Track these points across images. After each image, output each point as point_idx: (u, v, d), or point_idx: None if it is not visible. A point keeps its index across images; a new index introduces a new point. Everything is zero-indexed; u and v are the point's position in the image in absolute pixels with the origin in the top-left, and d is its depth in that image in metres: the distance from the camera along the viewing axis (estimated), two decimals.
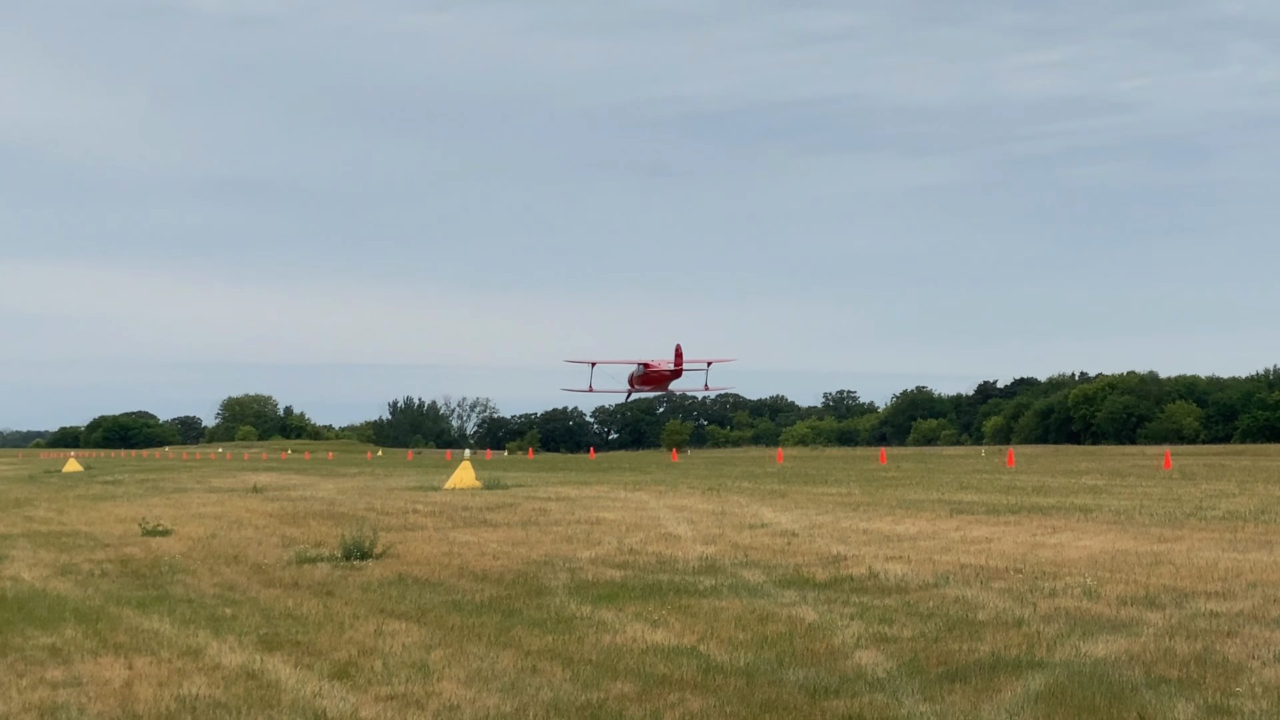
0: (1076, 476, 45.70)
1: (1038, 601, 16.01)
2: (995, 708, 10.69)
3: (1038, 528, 24.65)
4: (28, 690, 12.11)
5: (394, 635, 14.70)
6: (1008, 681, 11.61)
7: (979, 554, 20.85)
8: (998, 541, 22.50)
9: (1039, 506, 29.65)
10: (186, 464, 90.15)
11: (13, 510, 33.18)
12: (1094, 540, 22.52)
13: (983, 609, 15.56)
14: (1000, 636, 13.79)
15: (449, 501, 32.10)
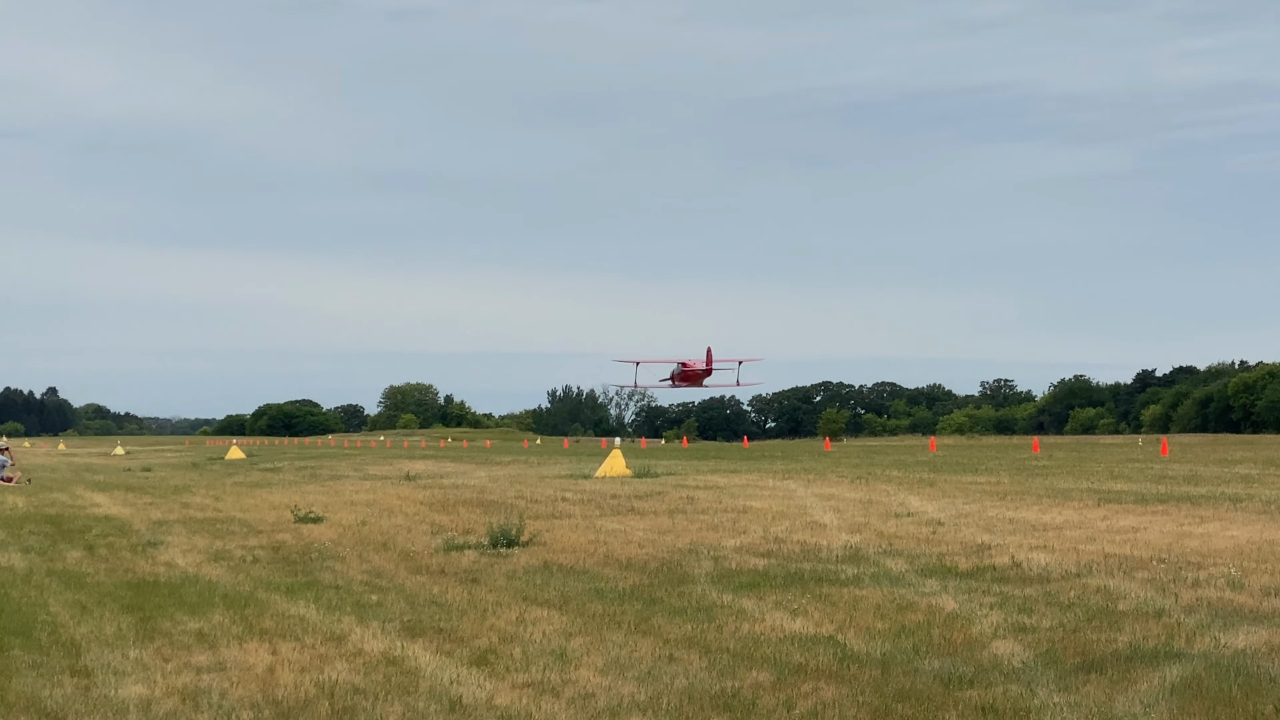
0: (1230, 466, 44.89)
1: (1180, 592, 15.77)
2: (1130, 699, 10.55)
3: (1185, 517, 24.25)
4: (173, 675, 12.30)
5: (535, 623, 14.76)
6: (1144, 673, 11.45)
7: (1124, 543, 20.58)
8: (1144, 531, 22.18)
9: (1189, 496, 29.16)
10: (346, 452, 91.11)
11: (171, 497, 33.70)
12: (1242, 530, 22.13)
13: (1124, 599, 15.35)
14: (1140, 627, 13.60)
15: (598, 489, 32.17)
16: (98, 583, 18.48)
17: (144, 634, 14.36)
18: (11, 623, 15.03)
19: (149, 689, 11.66)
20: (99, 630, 14.53)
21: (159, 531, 24.79)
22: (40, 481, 46.02)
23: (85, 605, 16.35)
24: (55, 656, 13.07)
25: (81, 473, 59.08)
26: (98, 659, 12.93)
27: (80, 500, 32.87)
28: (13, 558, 21.20)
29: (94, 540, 23.53)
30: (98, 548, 22.47)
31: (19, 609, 16.09)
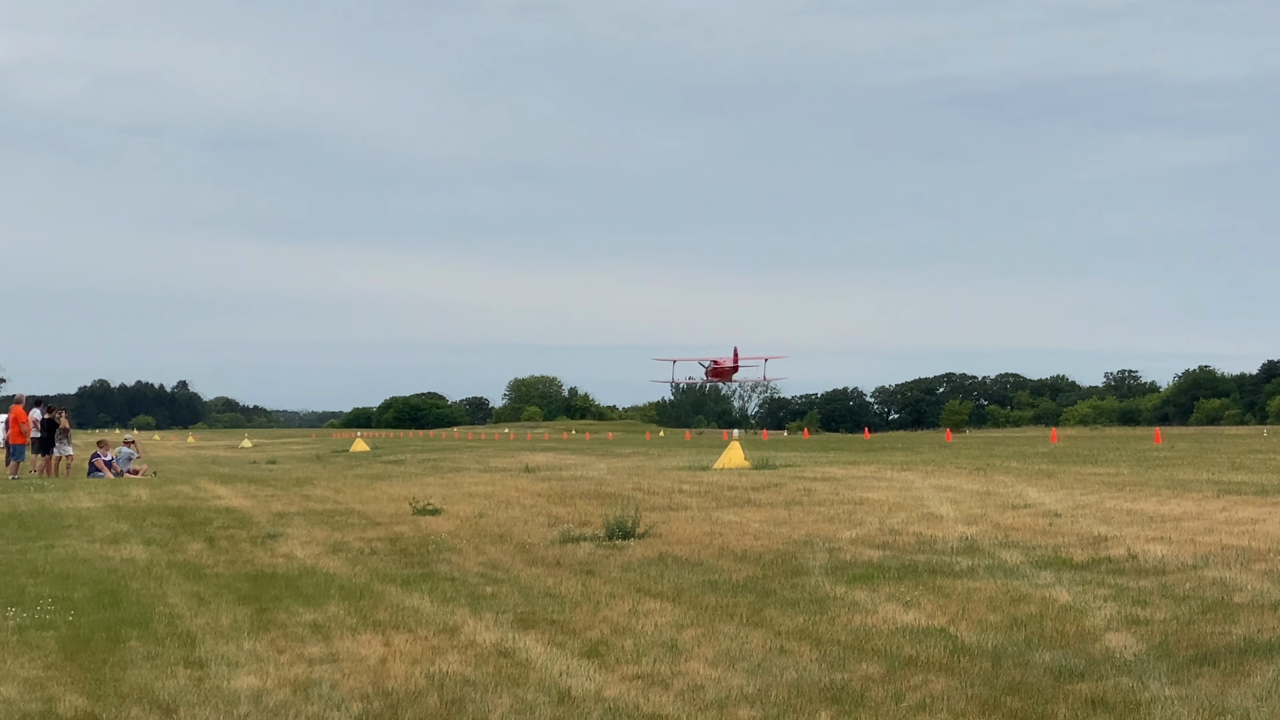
0: None
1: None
2: (1243, 692, 10.41)
3: None
4: (285, 666, 12.40)
5: (648, 615, 14.76)
6: (1259, 665, 11.29)
7: (1243, 535, 20.28)
8: (1264, 523, 21.84)
9: None
10: (470, 444, 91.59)
11: (293, 489, 33.99)
12: None
13: (1240, 591, 15.14)
14: (1256, 620, 13.41)
15: (716, 481, 32.15)
16: (216, 574, 18.66)
17: (259, 625, 14.48)
18: (130, 614, 15.20)
19: (261, 680, 11.77)
20: (215, 622, 14.67)
21: (279, 524, 24.99)
22: (166, 474, 46.61)
23: (203, 597, 16.52)
24: (171, 648, 13.20)
25: (207, 465, 59.81)
26: (212, 650, 13.05)
27: (203, 492, 33.23)
28: (135, 550, 21.44)
29: (215, 532, 23.76)
30: (218, 540, 22.69)
31: (138, 600, 16.27)
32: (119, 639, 13.64)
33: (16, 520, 26.32)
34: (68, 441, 47.97)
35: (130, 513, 27.54)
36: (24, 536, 23.42)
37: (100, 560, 20.21)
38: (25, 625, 14.39)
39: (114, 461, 46.20)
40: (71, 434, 49.64)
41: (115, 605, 15.85)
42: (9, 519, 26.63)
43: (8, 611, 15.23)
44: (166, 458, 71.86)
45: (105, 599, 16.32)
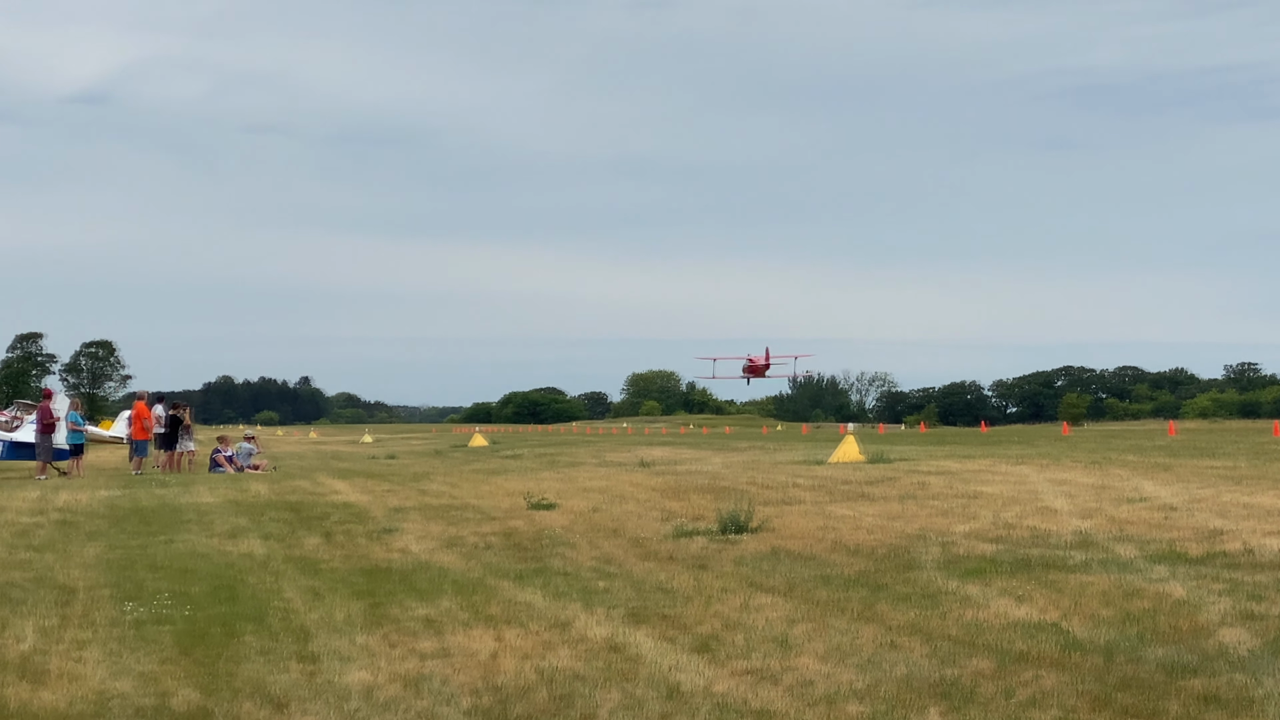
0: None
1: None
2: None
3: None
4: (397, 661, 12.49)
5: (760, 609, 14.75)
6: None
7: None
8: None
9: None
10: (588, 438, 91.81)
11: (410, 484, 34.15)
12: None
13: None
14: None
15: (830, 475, 32.02)
16: (332, 569, 18.82)
17: (373, 620, 14.59)
18: (246, 609, 15.37)
19: (373, 675, 11.86)
20: (329, 616, 14.79)
21: (395, 518, 25.14)
22: (286, 469, 47.02)
23: (318, 591, 16.67)
24: (284, 642, 13.33)
25: (328, 460, 60.24)
26: (325, 645, 13.18)
27: (321, 487, 33.47)
28: (252, 544, 21.64)
29: (332, 527, 23.94)
30: (335, 535, 22.87)
31: (254, 595, 16.44)
32: (234, 633, 13.80)
33: (138, 515, 26.64)
34: (190, 437, 48.50)
35: (249, 508, 27.80)
36: (144, 531, 23.71)
37: (218, 555, 20.42)
38: (143, 620, 14.58)
39: (235, 457, 46.69)
40: (194, 430, 50.19)
41: (231, 600, 16.03)
42: (130, 514, 26.95)
43: (125, 606, 15.44)
44: (288, 453, 72.47)
45: (222, 593, 16.51)
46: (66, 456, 44.22)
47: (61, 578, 18.02)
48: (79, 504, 29.20)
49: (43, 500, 30.21)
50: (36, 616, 14.83)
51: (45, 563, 19.57)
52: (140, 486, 34.77)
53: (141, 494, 31.80)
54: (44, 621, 14.54)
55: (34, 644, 13.30)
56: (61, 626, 14.30)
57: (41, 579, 17.88)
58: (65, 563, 19.59)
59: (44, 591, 16.75)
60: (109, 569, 18.93)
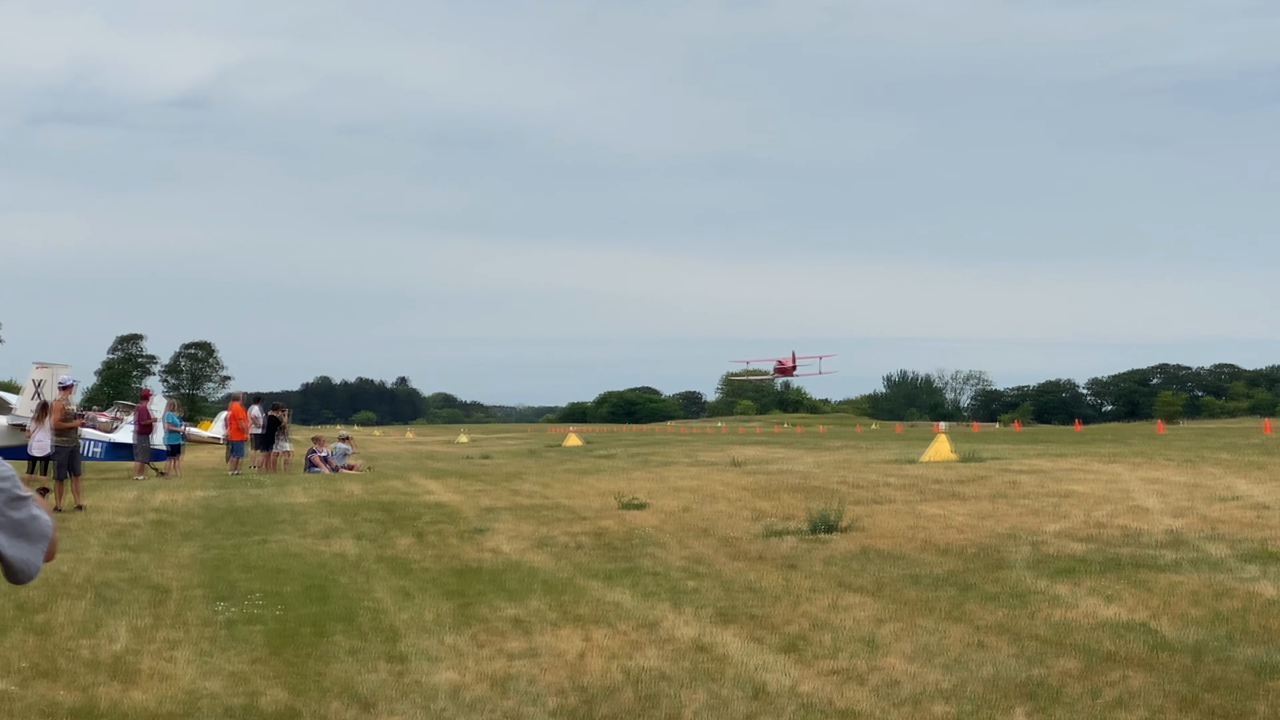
0: None
1: None
2: None
3: None
4: (485, 661, 12.55)
5: (848, 609, 14.74)
6: None
7: None
8: None
9: None
10: (681, 438, 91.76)
11: (502, 484, 34.26)
12: None
13: None
14: None
15: (922, 474, 31.89)
16: (424, 569, 18.92)
17: (462, 620, 14.67)
18: (337, 609, 15.49)
19: (460, 675, 11.92)
20: (419, 616, 14.88)
21: (487, 518, 25.25)
22: (380, 469, 47.31)
23: (409, 592, 16.77)
24: (374, 642, 13.43)
25: (423, 460, 60.53)
26: (414, 645, 13.26)
27: (415, 487, 33.64)
28: (345, 544, 21.79)
29: (424, 527, 24.07)
30: (427, 534, 22.99)
31: (346, 595, 16.56)
32: (324, 633, 13.91)
33: (233, 515, 26.90)
34: (286, 438, 48.88)
35: (342, 508, 28.00)
36: (239, 531, 23.94)
37: (311, 555, 20.58)
38: (235, 619, 14.72)
39: (330, 457, 47.01)
40: (290, 430, 50.59)
41: (323, 600, 16.16)
42: (226, 514, 27.22)
43: (218, 606, 15.61)
44: (383, 453, 72.91)
45: (313, 593, 16.65)
46: (164, 457, 44.69)
47: (156, 578, 18.22)
48: (175, 504, 29.52)
49: (140, 501, 30.56)
50: (130, 616, 15.00)
51: (140, 563, 19.80)
52: (236, 487, 35.11)
53: (237, 494, 32.11)
54: (137, 621, 14.71)
55: (126, 644, 13.45)
56: (154, 626, 14.45)
57: (136, 579, 18.09)
58: (160, 563, 19.80)
59: (138, 591, 16.94)
60: (203, 569, 19.13)
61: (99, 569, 19.09)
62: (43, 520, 4.31)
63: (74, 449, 30.09)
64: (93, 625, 14.48)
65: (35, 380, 44.31)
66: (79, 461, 30.24)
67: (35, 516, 4.27)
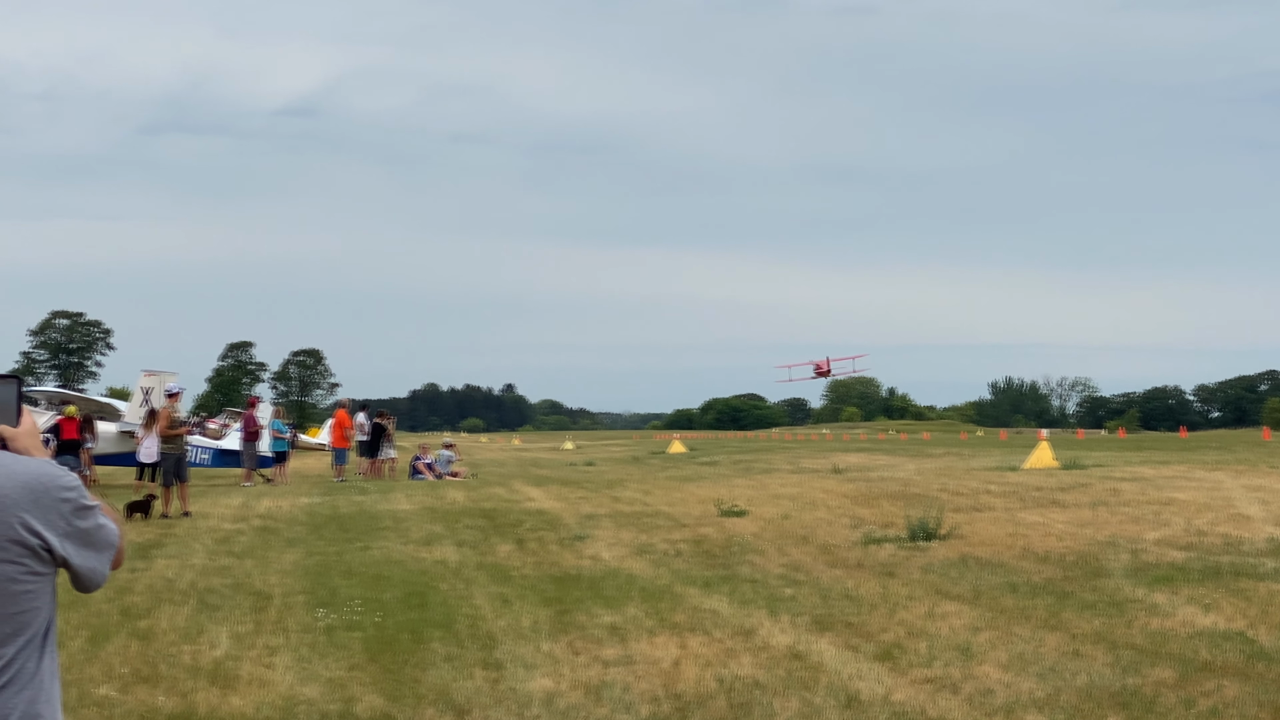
0: None
1: None
2: None
3: None
4: (580, 668, 12.63)
5: (944, 617, 14.73)
6: None
7: None
8: None
9: None
10: (785, 445, 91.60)
11: (604, 491, 34.33)
12: None
13: None
14: None
15: (1023, 481, 31.69)
16: (523, 576, 19.02)
17: (559, 627, 14.76)
18: (436, 615, 15.62)
19: (555, 682, 12.01)
20: (516, 623, 14.98)
21: (587, 525, 25.32)
22: (484, 476, 47.48)
23: (507, 598, 16.87)
24: (470, 649, 13.54)
25: (527, 467, 60.71)
26: (510, 652, 13.35)
27: (516, 494, 33.76)
28: (446, 551, 21.94)
29: (524, 534, 24.18)
30: (527, 541, 23.09)
31: (445, 602, 16.68)
32: (422, 640, 14.03)
33: (336, 522, 27.14)
34: (392, 445, 49.21)
35: (445, 515, 28.17)
36: (342, 538, 24.15)
37: (412, 561, 20.74)
38: (334, 626, 14.88)
39: (435, 464, 47.28)
40: (395, 437, 50.92)
41: (422, 606, 16.29)
42: (329, 521, 27.46)
43: (318, 612, 15.77)
44: (489, 459, 73.14)
45: (413, 600, 16.78)
46: (271, 464, 45.13)
47: (259, 584, 18.44)
48: (280, 511, 29.83)
49: (245, 507, 30.90)
50: (231, 623, 15.20)
51: (244, 569, 20.03)
52: (340, 494, 35.39)
53: (341, 501, 32.37)
54: (238, 627, 14.90)
55: (227, 650, 13.63)
56: (255, 632, 14.63)
57: (239, 585, 18.31)
58: (263, 569, 20.03)
59: (241, 598, 17.15)
60: (305, 575, 19.33)
61: (203, 575, 19.34)
62: (109, 529, 4.42)
63: (180, 456, 30.40)
64: (195, 631, 14.69)
65: (144, 388, 44.94)
66: (185, 468, 30.57)
67: (102, 525, 4.37)
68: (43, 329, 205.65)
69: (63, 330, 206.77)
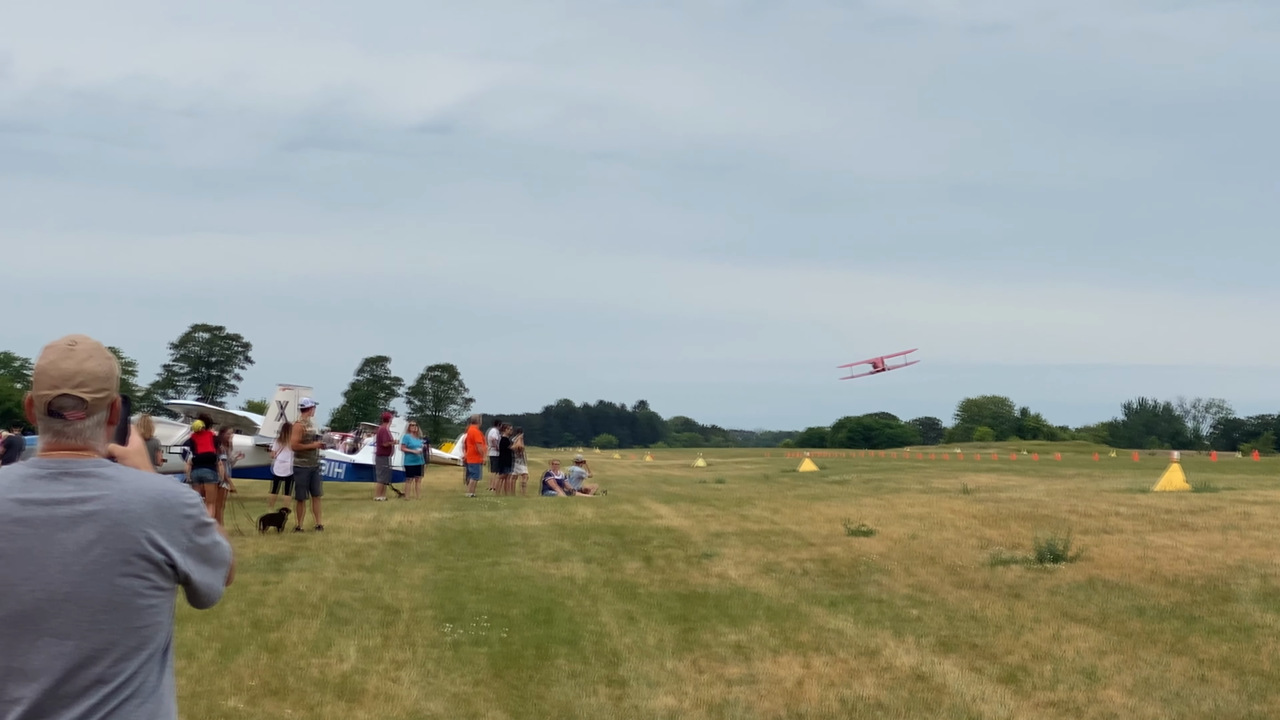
0: None
1: None
2: None
3: None
4: (704, 686, 12.70)
5: (1070, 640, 14.68)
6: None
7: None
8: None
9: None
10: (916, 464, 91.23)
11: (732, 509, 34.34)
12: None
13: None
14: None
15: (1153, 504, 31.38)
16: (649, 593, 19.11)
17: (684, 645, 14.83)
18: (562, 632, 15.74)
19: (678, 700, 12.10)
20: (641, 641, 15.08)
21: (715, 543, 25.37)
22: (614, 493, 47.66)
23: (633, 616, 16.97)
24: (595, 666, 13.65)
25: (658, 484, 60.85)
26: (634, 669, 13.45)
27: (645, 511, 33.86)
28: (574, 568, 22.07)
29: (652, 551, 24.26)
30: (655, 559, 23.18)
31: (571, 618, 16.81)
32: (547, 656, 14.15)
33: (466, 537, 27.35)
34: (522, 460, 49.46)
35: (573, 531, 28.32)
36: (471, 553, 24.34)
37: (540, 577, 20.88)
38: (461, 641, 15.04)
39: (565, 480, 47.51)
40: (525, 453, 51.18)
41: (548, 623, 16.42)
42: (459, 536, 27.69)
43: (445, 627, 15.94)
44: (620, 476, 73.33)
45: (539, 616, 16.92)
46: (403, 478, 45.50)
47: (388, 598, 18.66)
48: (411, 525, 30.10)
49: (377, 521, 31.21)
50: (360, 636, 15.40)
51: (374, 583, 20.27)
52: (471, 509, 35.63)
53: (471, 516, 32.59)
54: (367, 641, 15.10)
55: (355, 663, 13.83)
56: (383, 646, 14.82)
57: (369, 599, 18.54)
58: (393, 583, 20.25)
59: (370, 611, 17.37)
60: (434, 590, 19.52)
61: (334, 588, 19.61)
62: (224, 546, 4.57)
63: (313, 470, 30.78)
64: (324, 644, 14.91)
65: (280, 402, 45.49)
66: (319, 482, 30.94)
67: (218, 542, 4.52)
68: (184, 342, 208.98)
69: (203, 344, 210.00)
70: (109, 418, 4.53)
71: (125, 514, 4.28)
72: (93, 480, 4.32)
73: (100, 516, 4.28)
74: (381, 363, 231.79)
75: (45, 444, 4.44)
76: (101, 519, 4.27)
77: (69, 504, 4.29)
